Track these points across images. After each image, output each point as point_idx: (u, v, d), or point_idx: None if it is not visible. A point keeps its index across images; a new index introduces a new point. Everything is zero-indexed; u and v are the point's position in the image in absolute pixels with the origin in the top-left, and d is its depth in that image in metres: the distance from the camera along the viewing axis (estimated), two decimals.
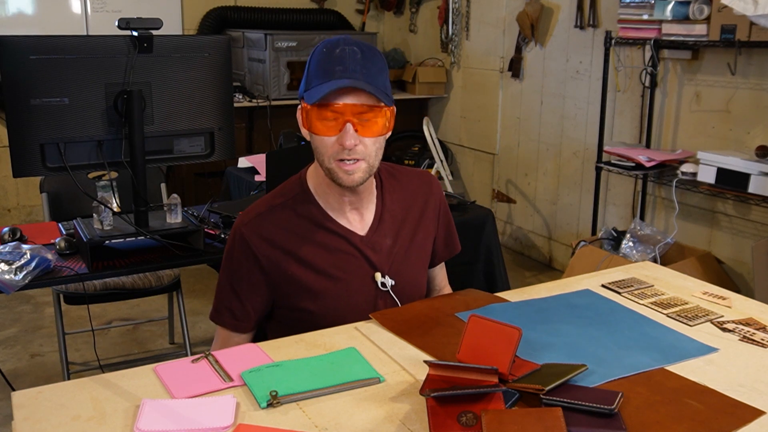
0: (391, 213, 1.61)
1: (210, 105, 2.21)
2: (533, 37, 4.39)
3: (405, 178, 1.67)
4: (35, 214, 4.85)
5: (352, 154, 1.43)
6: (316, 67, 1.44)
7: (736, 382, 1.26)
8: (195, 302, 3.79)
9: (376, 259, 1.56)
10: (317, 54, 1.45)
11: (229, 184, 3.43)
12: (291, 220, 1.53)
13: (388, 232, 1.59)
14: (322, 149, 1.45)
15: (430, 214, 1.67)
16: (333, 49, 1.43)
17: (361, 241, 1.55)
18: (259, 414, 1.15)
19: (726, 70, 3.26)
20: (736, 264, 3.37)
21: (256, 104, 4.76)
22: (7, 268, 1.93)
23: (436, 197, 1.69)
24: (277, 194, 1.58)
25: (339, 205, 1.54)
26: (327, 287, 1.53)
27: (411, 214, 1.64)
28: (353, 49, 1.43)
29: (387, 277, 1.57)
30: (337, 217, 1.55)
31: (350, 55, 1.42)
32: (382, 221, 1.59)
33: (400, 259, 1.60)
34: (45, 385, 1.22)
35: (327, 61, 1.43)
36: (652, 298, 1.63)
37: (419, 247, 1.65)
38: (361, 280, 1.55)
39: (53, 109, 1.98)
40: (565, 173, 4.35)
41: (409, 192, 1.66)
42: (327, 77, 1.41)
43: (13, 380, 2.72)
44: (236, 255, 1.53)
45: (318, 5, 5.64)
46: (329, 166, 1.45)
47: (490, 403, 1.12)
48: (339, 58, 1.42)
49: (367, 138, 1.44)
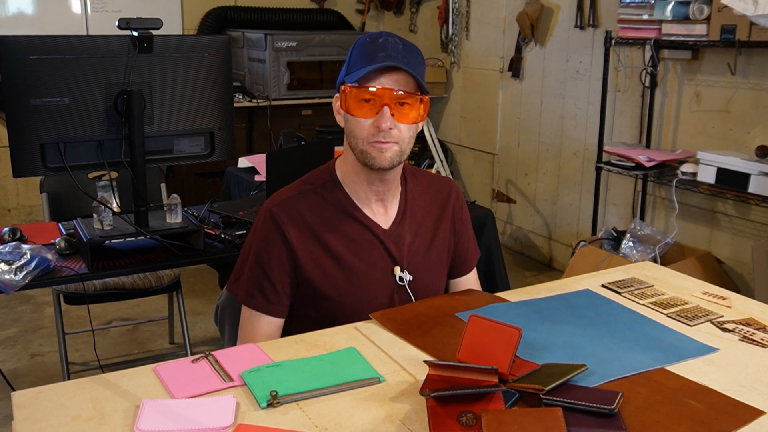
0: (413, 211, 1.64)
1: (210, 105, 2.21)
2: (533, 37, 4.39)
3: (426, 181, 1.69)
4: (35, 214, 4.85)
5: (387, 137, 1.46)
6: (358, 54, 1.49)
7: (736, 382, 1.26)
8: (195, 302, 3.79)
9: (397, 253, 1.59)
10: (359, 44, 1.50)
11: (229, 184, 3.43)
12: (320, 205, 1.56)
13: (409, 229, 1.62)
14: (357, 131, 1.48)
15: (447, 220, 1.69)
16: (376, 39, 1.49)
17: (384, 234, 1.58)
18: (259, 414, 1.15)
19: (726, 70, 3.26)
20: (736, 264, 3.37)
21: (256, 104, 4.76)
22: (7, 268, 1.93)
23: (454, 204, 1.70)
24: (306, 181, 1.60)
25: (365, 195, 1.57)
26: (349, 275, 1.55)
27: (430, 216, 1.66)
28: (395, 39, 1.49)
29: (406, 272, 1.59)
30: (363, 207, 1.58)
31: (392, 45, 1.48)
32: (404, 217, 1.62)
33: (419, 257, 1.62)
34: (45, 385, 1.22)
35: (370, 48, 1.48)
36: (652, 298, 1.63)
37: (438, 249, 1.66)
38: (382, 273, 1.58)
39: (53, 109, 1.98)
40: (565, 173, 4.35)
41: (430, 195, 1.68)
42: (370, 61, 1.46)
43: (13, 380, 2.72)
44: (266, 235, 1.54)
45: (318, 5, 5.64)
46: (363, 147, 1.48)
47: (490, 403, 1.12)
48: (382, 46, 1.47)
49: (402, 124, 1.48)
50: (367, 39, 1.50)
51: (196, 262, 2.22)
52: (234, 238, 2.26)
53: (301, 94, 4.92)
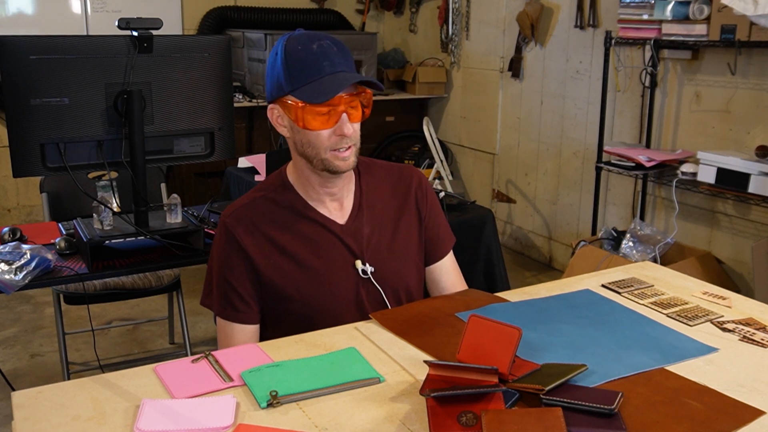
0: (370, 203, 1.63)
1: (210, 105, 2.21)
2: (533, 37, 4.39)
3: (384, 172, 1.69)
4: (35, 214, 4.85)
5: (348, 142, 1.48)
6: (297, 65, 1.45)
7: (736, 382, 1.26)
8: (195, 302, 3.77)
9: (356, 246, 1.58)
10: (292, 52, 1.46)
11: (229, 184, 3.43)
12: (273, 210, 1.57)
13: (368, 221, 1.61)
14: (317, 142, 1.48)
15: (411, 208, 1.68)
16: (308, 45, 1.46)
17: (341, 230, 1.58)
18: (259, 414, 1.15)
19: (726, 70, 3.26)
20: (736, 264, 3.37)
21: (256, 104, 4.76)
22: (7, 268, 1.93)
23: (417, 191, 1.69)
24: (259, 188, 1.62)
25: (318, 195, 1.58)
26: (309, 274, 1.55)
27: (390, 206, 1.66)
28: (328, 43, 1.47)
29: (367, 264, 1.58)
30: (317, 207, 1.59)
31: (329, 49, 1.46)
32: (361, 209, 1.62)
33: (381, 248, 1.61)
34: (45, 385, 1.22)
35: (308, 58, 1.45)
36: (652, 298, 1.62)
37: (403, 238, 1.65)
38: (343, 268, 1.57)
39: (53, 109, 1.98)
40: (565, 173, 4.35)
41: (390, 184, 1.68)
42: (317, 73, 1.44)
43: (13, 380, 2.72)
44: (223, 246, 1.56)
45: (318, 5, 5.64)
46: (324, 156, 1.49)
47: (490, 403, 1.12)
48: (321, 54, 1.45)
49: (355, 123, 1.50)
50: (298, 47, 1.46)
51: (196, 262, 2.22)
52: None
53: None
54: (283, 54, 1.47)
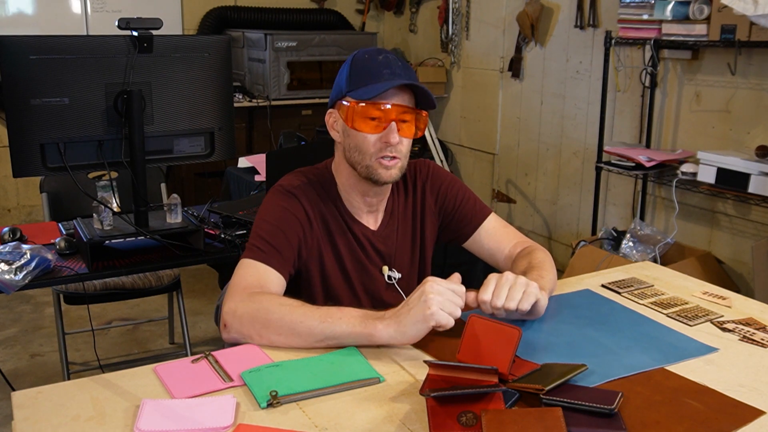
0: (398, 207, 1.68)
1: (210, 105, 2.21)
2: (533, 37, 4.39)
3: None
4: (35, 214, 4.85)
5: (394, 152, 1.50)
6: (360, 71, 1.51)
7: (736, 382, 1.26)
8: (195, 302, 3.79)
9: (386, 252, 1.64)
10: (358, 60, 1.53)
11: (229, 184, 3.43)
12: (324, 199, 1.60)
13: (396, 227, 1.66)
14: (363, 146, 1.51)
15: (430, 205, 1.71)
16: (375, 55, 1.52)
17: (373, 235, 1.63)
18: (259, 414, 1.15)
19: (726, 70, 3.26)
20: (736, 264, 3.37)
21: (256, 104, 4.76)
22: (7, 268, 1.93)
23: (430, 183, 1.71)
24: (310, 173, 1.63)
25: (358, 205, 1.62)
26: (341, 271, 1.60)
27: (413, 205, 1.70)
28: (393, 56, 1.53)
29: (394, 270, 1.65)
30: (355, 214, 1.63)
31: (393, 61, 1.51)
32: (392, 216, 1.66)
33: (406, 252, 1.67)
34: (45, 385, 1.22)
35: (371, 65, 1.51)
36: (652, 298, 1.63)
37: (426, 238, 1.70)
38: (371, 273, 1.63)
39: (53, 109, 1.98)
40: (565, 173, 4.34)
41: (408, 187, 1.71)
42: (376, 78, 1.49)
43: (13, 380, 2.72)
44: (286, 204, 1.54)
45: (318, 5, 5.64)
46: (369, 163, 1.51)
47: (490, 403, 1.12)
48: (384, 63, 1.51)
49: (405, 138, 1.52)
50: (366, 55, 1.52)
51: (196, 262, 2.22)
52: (234, 238, 2.26)
53: (301, 94, 4.92)
54: (350, 62, 1.54)
